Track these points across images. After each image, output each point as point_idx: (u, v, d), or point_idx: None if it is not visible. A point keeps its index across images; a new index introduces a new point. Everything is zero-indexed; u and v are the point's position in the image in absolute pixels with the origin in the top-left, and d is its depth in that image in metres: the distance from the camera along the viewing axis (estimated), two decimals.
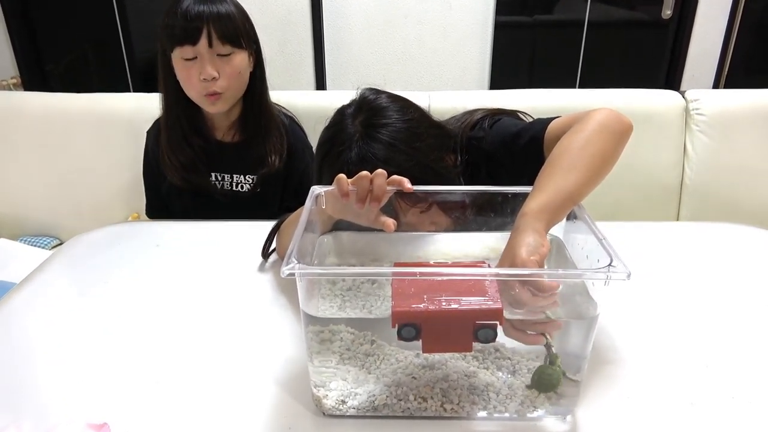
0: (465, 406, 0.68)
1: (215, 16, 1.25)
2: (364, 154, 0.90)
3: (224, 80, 1.29)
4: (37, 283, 1.01)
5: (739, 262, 1.04)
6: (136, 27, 2.41)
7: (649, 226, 1.19)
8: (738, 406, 0.70)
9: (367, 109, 0.95)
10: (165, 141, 1.38)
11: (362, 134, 0.92)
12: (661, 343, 0.82)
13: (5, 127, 1.83)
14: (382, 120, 0.93)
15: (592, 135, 0.84)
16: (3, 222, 1.90)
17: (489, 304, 0.61)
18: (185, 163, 1.38)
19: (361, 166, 0.79)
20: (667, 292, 0.94)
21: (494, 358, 0.68)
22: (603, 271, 0.60)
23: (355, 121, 0.94)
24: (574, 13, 2.38)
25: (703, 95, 1.74)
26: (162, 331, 0.87)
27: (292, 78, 2.30)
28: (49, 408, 0.71)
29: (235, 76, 1.31)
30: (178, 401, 0.73)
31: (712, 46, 2.28)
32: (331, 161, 0.93)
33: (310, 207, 0.76)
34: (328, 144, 0.96)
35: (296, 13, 2.20)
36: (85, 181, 1.83)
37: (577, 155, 0.81)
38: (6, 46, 2.32)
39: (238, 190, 1.42)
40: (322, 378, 0.68)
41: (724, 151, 1.72)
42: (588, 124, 0.85)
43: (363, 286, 0.76)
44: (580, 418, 0.69)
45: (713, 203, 1.76)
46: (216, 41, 1.26)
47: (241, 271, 1.02)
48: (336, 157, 0.92)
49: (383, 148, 0.90)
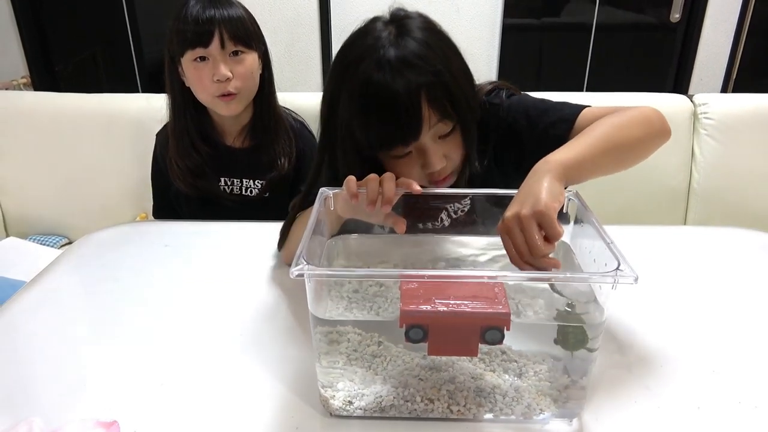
0: (471, 408, 0.68)
1: (226, 19, 1.27)
2: (401, 53, 0.84)
3: (238, 80, 1.30)
4: (46, 282, 1.01)
5: (747, 266, 1.04)
6: (145, 28, 2.42)
7: (657, 230, 1.19)
8: (745, 411, 0.70)
9: (399, 18, 0.90)
10: (173, 148, 1.38)
11: (396, 34, 0.86)
12: (668, 347, 0.82)
13: (15, 126, 1.84)
14: (416, 24, 0.88)
15: (633, 121, 0.85)
16: (13, 221, 1.92)
17: (497, 308, 0.61)
18: (193, 169, 1.38)
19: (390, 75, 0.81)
20: (674, 296, 0.94)
21: (501, 361, 0.68)
22: (611, 275, 0.60)
23: (388, 26, 0.88)
24: (582, 16, 2.38)
25: (711, 99, 1.74)
26: (170, 330, 0.87)
27: (299, 79, 2.30)
28: (59, 406, 0.72)
29: (248, 76, 1.32)
30: (187, 400, 0.73)
31: (720, 50, 2.27)
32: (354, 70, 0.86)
33: (318, 209, 0.77)
34: (354, 50, 0.89)
35: (304, 14, 2.20)
36: (94, 180, 1.84)
37: (613, 131, 0.82)
38: (16, 47, 2.33)
39: (246, 194, 1.42)
40: (330, 379, 0.69)
41: (732, 155, 1.72)
42: (633, 111, 0.87)
43: (370, 288, 0.76)
44: (587, 421, 0.69)
45: (721, 207, 1.75)
46: (228, 42, 1.27)
47: (250, 271, 1.02)
48: (357, 64, 0.85)
49: (419, 47, 0.85)
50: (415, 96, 0.83)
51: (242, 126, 1.41)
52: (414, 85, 0.83)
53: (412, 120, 0.84)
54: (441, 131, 0.88)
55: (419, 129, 0.85)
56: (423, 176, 0.91)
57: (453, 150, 0.91)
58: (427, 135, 0.87)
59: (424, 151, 0.88)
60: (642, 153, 0.87)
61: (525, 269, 0.67)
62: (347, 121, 0.88)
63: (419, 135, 0.86)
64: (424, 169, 0.90)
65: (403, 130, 0.85)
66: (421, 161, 0.89)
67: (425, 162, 0.89)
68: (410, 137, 0.86)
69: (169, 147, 1.39)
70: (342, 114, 0.88)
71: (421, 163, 0.89)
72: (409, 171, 0.89)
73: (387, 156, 0.90)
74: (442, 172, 0.91)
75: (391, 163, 0.90)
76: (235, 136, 1.42)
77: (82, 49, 2.51)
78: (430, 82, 0.84)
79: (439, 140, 0.89)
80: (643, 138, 0.86)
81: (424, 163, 0.89)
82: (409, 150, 0.88)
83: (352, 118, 0.87)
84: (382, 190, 0.76)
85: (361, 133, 0.87)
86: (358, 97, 0.85)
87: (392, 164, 0.90)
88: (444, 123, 0.87)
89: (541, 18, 2.45)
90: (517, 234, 0.68)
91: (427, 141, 0.87)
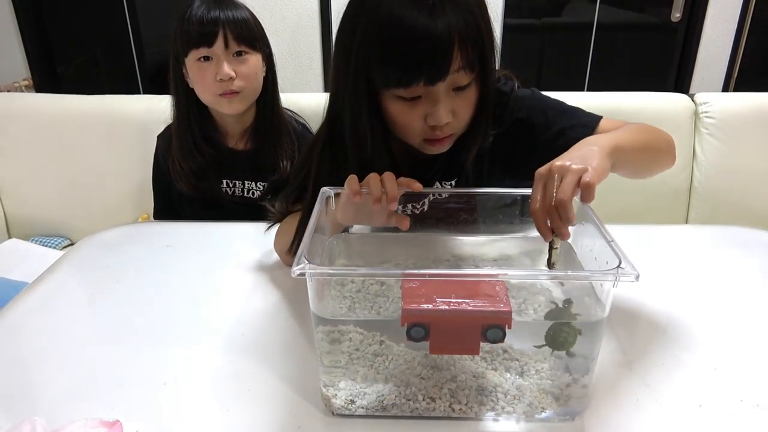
0: (473, 406, 0.68)
1: (231, 20, 1.28)
2: None
3: (241, 80, 1.31)
4: (48, 283, 1.02)
5: (748, 265, 1.04)
6: (147, 29, 2.42)
7: (658, 229, 1.19)
8: (746, 409, 0.70)
9: None
10: (176, 148, 1.39)
11: None
12: (669, 345, 0.82)
13: (17, 128, 1.84)
14: None
15: (662, 136, 0.93)
16: (15, 222, 1.92)
17: (498, 306, 0.61)
18: (196, 170, 1.39)
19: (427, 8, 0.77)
20: (675, 294, 0.94)
21: (503, 359, 0.68)
22: (612, 273, 0.60)
23: None
24: (583, 16, 2.38)
25: (712, 98, 1.74)
26: (172, 330, 0.87)
27: (300, 80, 2.31)
28: (62, 406, 0.72)
29: (251, 76, 1.33)
30: (189, 400, 0.73)
31: (721, 49, 2.27)
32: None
33: (320, 209, 0.77)
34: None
35: (305, 16, 2.21)
36: (95, 181, 1.85)
37: (650, 138, 0.90)
38: (18, 49, 2.34)
39: (249, 196, 1.43)
40: (332, 378, 0.69)
41: (733, 154, 1.72)
42: (660, 129, 0.94)
43: (372, 287, 0.76)
44: (588, 420, 0.69)
45: (722, 206, 1.75)
46: (232, 42, 1.29)
47: (251, 271, 1.02)
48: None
49: None
50: (452, 33, 0.78)
51: (245, 128, 1.42)
52: (452, 21, 0.78)
53: (443, 58, 0.79)
54: (459, 82, 0.83)
55: (447, 68, 0.80)
56: (423, 128, 0.87)
57: (462, 107, 0.86)
58: (446, 81, 0.82)
59: (435, 100, 0.83)
60: (657, 168, 0.93)
61: (539, 221, 0.69)
62: (364, 54, 0.83)
63: (446, 75, 0.81)
64: (428, 119, 0.85)
65: (430, 67, 0.80)
66: (427, 111, 0.84)
67: (431, 112, 0.84)
68: (436, 76, 0.81)
69: (172, 148, 1.40)
70: (358, 47, 0.83)
71: (425, 113, 0.85)
72: (412, 118, 0.85)
73: (393, 96, 0.85)
74: (445, 129, 0.86)
75: (395, 106, 0.86)
76: (238, 138, 1.43)
77: (84, 51, 2.51)
78: (466, 22, 0.79)
79: (452, 92, 0.84)
80: (665, 154, 0.93)
81: (429, 113, 0.84)
82: (418, 95, 0.84)
83: (371, 50, 0.82)
84: (385, 189, 0.76)
85: (380, 65, 0.82)
86: (383, 27, 0.80)
87: (396, 108, 0.86)
88: (465, 73, 0.82)
89: (541, 18, 2.44)
90: (554, 182, 0.69)
91: (441, 89, 0.83)
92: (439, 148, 0.90)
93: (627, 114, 1.73)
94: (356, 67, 0.84)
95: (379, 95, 0.86)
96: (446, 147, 0.90)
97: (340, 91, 0.89)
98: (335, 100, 0.92)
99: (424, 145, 0.89)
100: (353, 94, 0.86)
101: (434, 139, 0.88)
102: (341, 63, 0.87)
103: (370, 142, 0.88)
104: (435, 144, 0.89)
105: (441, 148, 0.90)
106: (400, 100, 0.85)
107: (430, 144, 0.89)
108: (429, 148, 0.90)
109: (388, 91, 0.84)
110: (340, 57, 0.88)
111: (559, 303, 0.66)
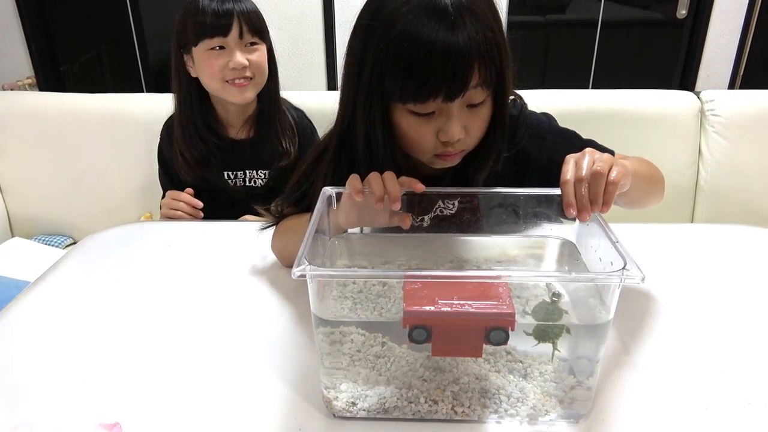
0: (476, 409, 0.67)
1: (244, 11, 1.35)
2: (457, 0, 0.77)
3: (253, 68, 1.36)
4: (50, 282, 1.01)
5: (755, 264, 1.02)
6: (150, 27, 2.42)
7: (664, 228, 1.18)
8: (753, 412, 0.69)
9: None
10: (179, 137, 1.42)
11: None
12: (675, 346, 0.81)
13: (20, 126, 1.85)
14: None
15: (659, 174, 1.01)
16: (17, 221, 1.92)
17: (501, 308, 0.60)
18: (199, 158, 1.42)
19: (447, 22, 0.75)
20: (681, 294, 0.93)
21: (506, 361, 0.67)
22: (617, 275, 0.60)
23: None
24: (588, 13, 2.36)
25: (718, 96, 1.73)
26: (173, 330, 0.87)
27: (303, 79, 2.30)
28: (62, 406, 0.72)
29: (262, 65, 1.39)
30: (189, 401, 0.73)
31: (727, 47, 2.25)
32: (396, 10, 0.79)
33: (321, 209, 0.76)
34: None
35: (308, 13, 2.20)
36: (98, 180, 1.85)
37: (652, 172, 0.99)
38: (21, 47, 2.34)
39: (251, 185, 1.46)
40: (333, 379, 0.68)
41: (739, 152, 1.71)
42: (658, 168, 1.01)
43: (374, 288, 0.76)
44: (593, 422, 0.68)
45: (728, 205, 1.74)
46: (246, 33, 1.34)
47: (253, 271, 1.02)
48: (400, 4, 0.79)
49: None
50: (473, 48, 0.77)
51: (246, 117, 1.45)
52: (472, 35, 0.76)
53: (463, 74, 0.78)
54: (474, 98, 0.82)
55: (466, 85, 0.78)
56: (435, 144, 0.85)
57: (475, 124, 0.85)
58: (464, 97, 0.81)
59: (449, 116, 0.82)
60: (652, 200, 0.99)
61: (568, 192, 0.70)
62: (379, 67, 0.81)
63: (465, 91, 0.79)
64: (441, 135, 0.83)
65: (449, 84, 0.78)
66: (440, 126, 0.83)
67: (444, 128, 0.82)
68: (455, 93, 0.79)
69: (176, 137, 1.43)
70: (373, 60, 0.81)
71: (438, 128, 0.83)
72: (425, 133, 0.84)
73: (405, 111, 0.83)
74: (457, 145, 0.85)
75: (407, 120, 0.84)
76: (239, 128, 1.46)
77: (87, 50, 2.51)
78: (486, 37, 0.78)
79: (466, 108, 0.83)
80: (661, 189, 1.01)
81: (442, 128, 0.82)
82: (432, 110, 0.82)
83: (386, 63, 0.80)
84: (387, 189, 0.76)
85: (396, 79, 0.80)
86: (400, 41, 0.78)
87: (408, 122, 0.84)
88: (482, 89, 0.81)
89: (546, 15, 2.43)
90: (589, 159, 0.71)
91: (456, 105, 0.81)
92: (448, 163, 0.89)
93: (632, 112, 1.73)
94: (370, 80, 0.82)
95: (390, 108, 0.84)
96: (456, 161, 0.89)
97: (351, 102, 0.87)
98: (345, 111, 0.90)
99: (434, 160, 0.88)
100: (366, 107, 0.85)
101: (447, 155, 0.87)
102: (352, 74, 0.86)
103: (382, 155, 0.87)
104: (445, 159, 0.88)
105: (450, 162, 0.89)
106: (413, 114, 0.83)
107: (440, 159, 0.88)
108: (438, 162, 0.89)
109: (402, 105, 0.83)
110: (352, 68, 0.86)
111: (547, 297, 0.66)
